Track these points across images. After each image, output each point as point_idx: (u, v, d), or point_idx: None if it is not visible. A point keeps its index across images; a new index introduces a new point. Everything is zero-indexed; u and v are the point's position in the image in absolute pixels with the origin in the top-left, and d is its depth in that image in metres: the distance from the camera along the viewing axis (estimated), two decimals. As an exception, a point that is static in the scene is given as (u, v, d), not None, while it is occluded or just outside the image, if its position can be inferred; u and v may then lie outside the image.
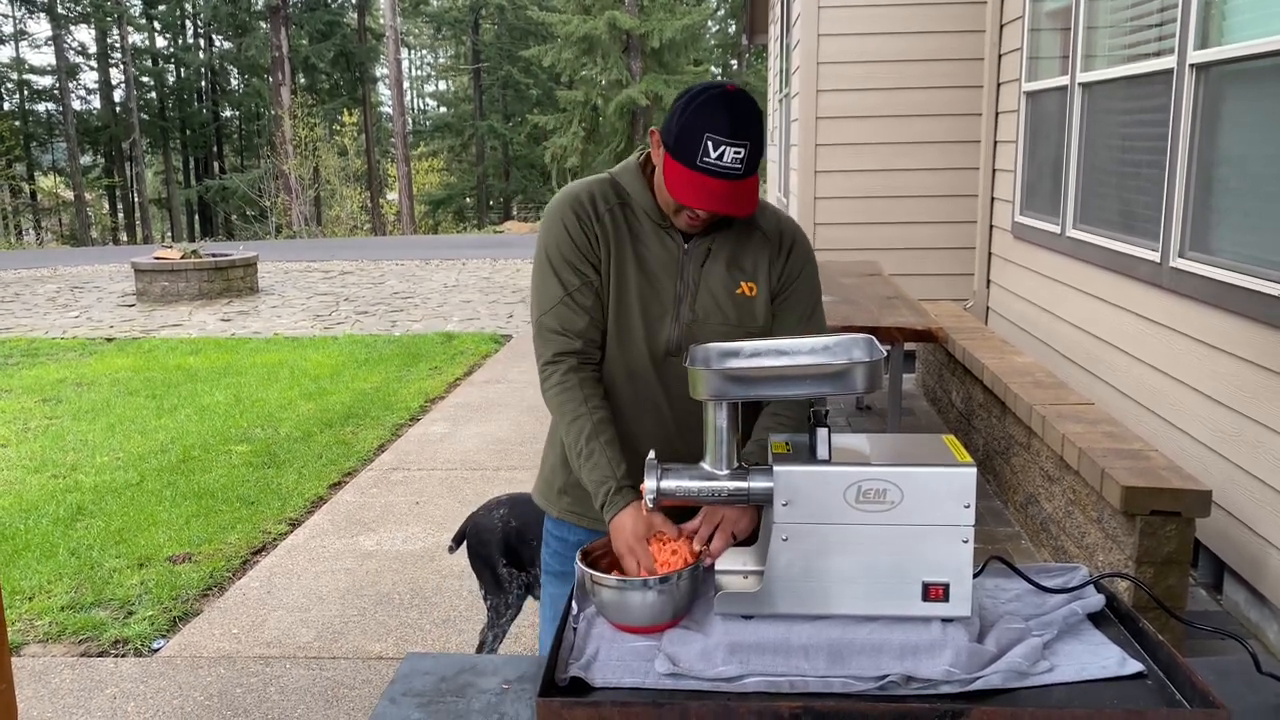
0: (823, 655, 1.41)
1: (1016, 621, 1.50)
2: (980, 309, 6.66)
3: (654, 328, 1.83)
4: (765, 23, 12.28)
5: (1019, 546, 4.06)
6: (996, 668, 1.38)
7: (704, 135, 1.64)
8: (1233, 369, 3.46)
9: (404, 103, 33.84)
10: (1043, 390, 4.18)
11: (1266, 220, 3.30)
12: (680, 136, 1.67)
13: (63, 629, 3.70)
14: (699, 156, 1.65)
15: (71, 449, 5.98)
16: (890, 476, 1.42)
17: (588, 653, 1.48)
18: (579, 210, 1.83)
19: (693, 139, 1.65)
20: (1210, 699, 1.28)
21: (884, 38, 6.69)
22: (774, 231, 1.91)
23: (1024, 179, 5.88)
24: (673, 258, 1.83)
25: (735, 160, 1.65)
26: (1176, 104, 3.82)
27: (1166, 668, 1.40)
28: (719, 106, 1.66)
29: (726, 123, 1.64)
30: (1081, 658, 1.44)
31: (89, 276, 14.82)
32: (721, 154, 1.64)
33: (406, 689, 1.54)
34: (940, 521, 1.42)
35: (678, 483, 1.55)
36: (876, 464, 1.44)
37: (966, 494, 1.42)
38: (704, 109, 1.66)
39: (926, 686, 1.37)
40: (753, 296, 1.86)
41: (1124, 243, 4.36)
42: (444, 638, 3.59)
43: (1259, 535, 3.30)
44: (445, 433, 6.16)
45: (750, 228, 1.88)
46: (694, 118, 1.66)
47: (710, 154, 1.64)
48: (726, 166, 1.65)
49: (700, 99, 1.67)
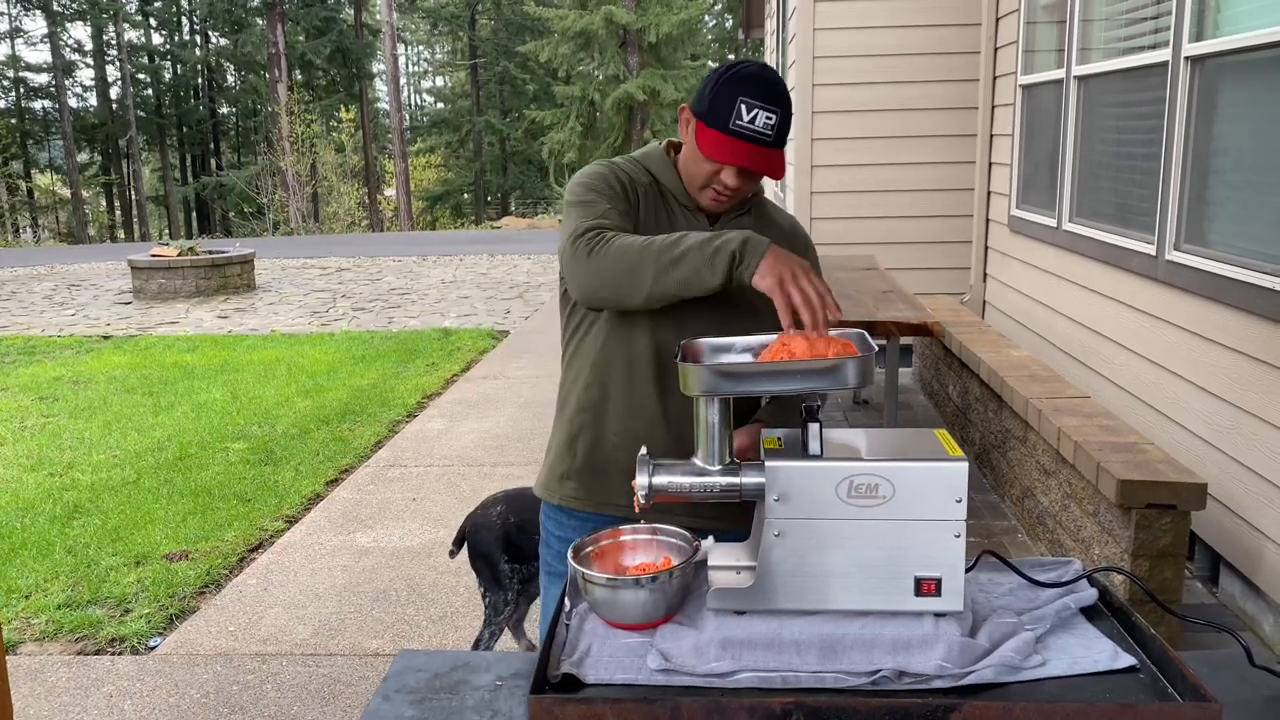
0: (815, 650, 1.41)
1: (1009, 616, 1.50)
2: (976, 303, 6.66)
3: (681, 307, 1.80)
4: (762, 17, 12.27)
5: (1015, 540, 4.06)
6: (989, 662, 1.38)
7: (738, 99, 1.68)
8: (1228, 362, 3.46)
9: (401, 99, 33.79)
10: (1039, 384, 4.18)
11: (1262, 213, 3.30)
12: (714, 103, 1.71)
13: (59, 627, 3.70)
14: (732, 119, 1.69)
15: (68, 447, 5.98)
16: (882, 471, 1.42)
17: (580, 649, 1.48)
18: (618, 172, 1.85)
19: (727, 104, 1.69)
20: (1202, 692, 1.27)
21: (879, 31, 6.69)
22: (789, 230, 1.94)
23: (1020, 173, 5.88)
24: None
25: (767, 125, 1.69)
26: (1172, 97, 3.82)
27: (1159, 661, 1.40)
28: (753, 75, 1.72)
29: (760, 89, 1.69)
30: (1074, 652, 1.44)
31: (86, 274, 14.80)
32: (755, 117, 1.68)
33: (400, 686, 1.54)
34: (932, 516, 1.42)
35: (669, 479, 1.55)
36: (868, 459, 1.44)
37: (958, 488, 1.41)
38: (737, 78, 1.71)
39: (919, 681, 1.36)
40: None
41: (1120, 236, 4.36)
42: (440, 634, 3.59)
43: (1255, 528, 3.31)
44: (442, 429, 6.15)
45: (768, 224, 1.91)
46: (728, 86, 1.70)
47: (744, 116, 1.68)
48: (759, 131, 1.69)
49: (734, 70, 1.73)
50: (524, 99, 36.00)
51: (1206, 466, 3.57)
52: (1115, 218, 4.50)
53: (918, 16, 6.63)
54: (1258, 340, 3.28)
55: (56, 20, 33.62)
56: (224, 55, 36.77)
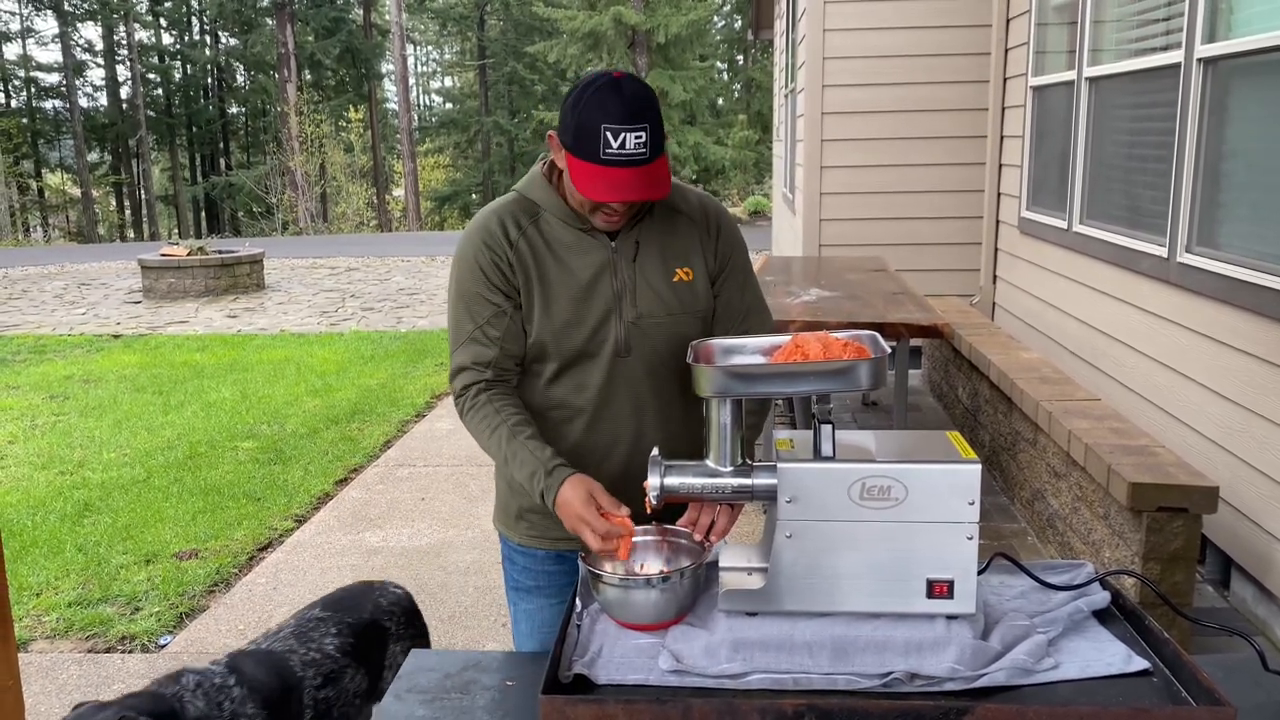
0: (827, 652, 1.41)
1: (1021, 618, 1.50)
2: (986, 305, 6.64)
3: (599, 334, 1.79)
4: (771, 18, 12.26)
5: (1025, 543, 4.05)
6: (1001, 665, 1.38)
7: (601, 127, 1.60)
8: (1240, 364, 3.45)
9: (409, 99, 33.84)
10: (1049, 386, 4.17)
11: (1274, 215, 3.28)
12: (578, 134, 1.63)
13: (70, 625, 3.72)
14: (601, 150, 1.61)
15: (79, 446, 6.00)
16: (894, 473, 1.42)
17: (591, 650, 1.48)
18: (490, 241, 1.79)
19: (591, 134, 1.61)
20: (1216, 696, 1.27)
21: (890, 32, 6.67)
22: (698, 213, 1.87)
23: (1030, 174, 5.86)
24: (603, 259, 1.79)
25: (638, 145, 1.61)
26: (1184, 98, 3.80)
27: (1172, 665, 1.39)
28: (609, 95, 1.62)
29: (621, 109, 1.60)
30: (1086, 655, 1.44)
31: (96, 273, 14.86)
32: (623, 142, 1.60)
33: (411, 685, 1.54)
34: (944, 518, 1.42)
35: (681, 479, 1.55)
36: (881, 461, 1.44)
37: (971, 490, 1.41)
38: (595, 101, 1.62)
39: (931, 684, 1.36)
40: (690, 281, 1.83)
41: (1131, 238, 4.35)
42: (450, 634, 3.59)
43: (1266, 531, 3.29)
44: (451, 428, 6.16)
45: (673, 212, 1.85)
46: (587, 112, 1.62)
47: (612, 144, 1.60)
48: (631, 154, 1.61)
49: (589, 92, 1.63)
50: (532, 99, 36.00)
51: (1218, 469, 3.55)
52: (1126, 220, 4.48)
53: (928, 18, 6.61)
54: (1270, 343, 3.26)
55: (67, 20, 33.75)
56: (234, 55, 36.86)
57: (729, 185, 30.03)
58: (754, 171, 29.38)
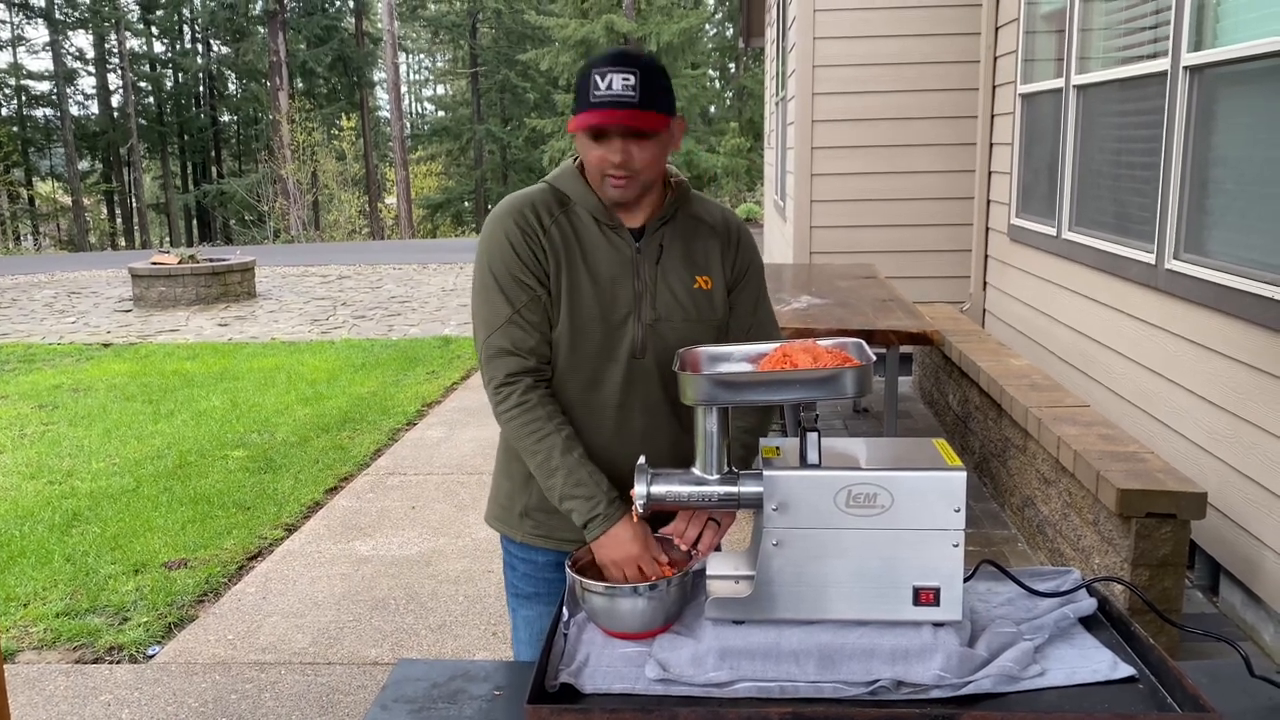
0: (813, 660, 1.41)
1: (1008, 625, 1.50)
2: (976, 312, 6.66)
3: (616, 333, 1.79)
4: (762, 26, 12.30)
5: (1015, 549, 4.06)
6: (987, 672, 1.38)
7: (591, 73, 1.68)
8: (1228, 371, 3.46)
9: (402, 107, 33.85)
10: (1039, 393, 4.18)
11: (1261, 222, 3.30)
12: (577, 93, 1.71)
13: (57, 635, 3.70)
14: (590, 93, 1.67)
15: (68, 455, 5.98)
16: (880, 480, 1.42)
17: (578, 659, 1.47)
18: (522, 223, 1.78)
19: (584, 85, 1.69)
20: (1201, 703, 1.27)
21: (879, 40, 6.70)
22: (720, 224, 1.90)
23: (1020, 181, 5.89)
24: (626, 259, 1.80)
25: (626, 86, 1.65)
26: (1171, 106, 3.83)
27: (1158, 671, 1.40)
28: (604, 53, 1.72)
29: (610, 57, 1.69)
30: (1073, 662, 1.44)
31: (86, 282, 14.81)
32: (610, 82, 1.66)
33: (398, 695, 1.54)
34: (931, 525, 1.42)
35: (668, 488, 1.55)
36: (867, 468, 1.44)
37: (957, 498, 1.41)
38: (589, 62, 1.71)
39: (917, 691, 1.36)
40: (709, 289, 1.85)
41: (1119, 245, 4.36)
42: (439, 643, 3.58)
43: (1254, 537, 3.30)
44: (442, 437, 6.15)
45: (696, 221, 1.87)
46: (582, 70, 1.71)
47: (599, 86, 1.66)
48: (618, 94, 1.65)
49: (590, 59, 1.74)
50: (525, 107, 36.07)
51: (1206, 475, 3.56)
52: (1115, 227, 4.50)
53: (918, 25, 6.64)
54: (1257, 349, 3.28)
55: (58, 28, 33.71)
56: (225, 63, 36.86)
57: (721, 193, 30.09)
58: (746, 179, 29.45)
